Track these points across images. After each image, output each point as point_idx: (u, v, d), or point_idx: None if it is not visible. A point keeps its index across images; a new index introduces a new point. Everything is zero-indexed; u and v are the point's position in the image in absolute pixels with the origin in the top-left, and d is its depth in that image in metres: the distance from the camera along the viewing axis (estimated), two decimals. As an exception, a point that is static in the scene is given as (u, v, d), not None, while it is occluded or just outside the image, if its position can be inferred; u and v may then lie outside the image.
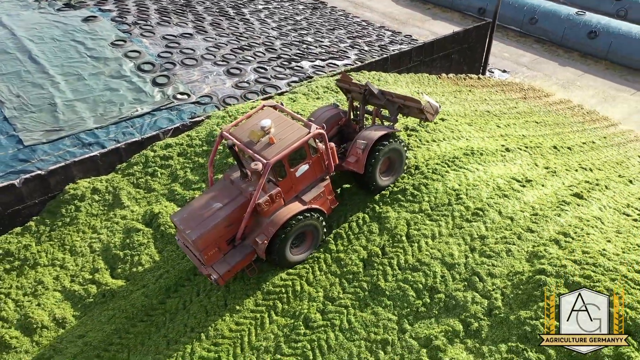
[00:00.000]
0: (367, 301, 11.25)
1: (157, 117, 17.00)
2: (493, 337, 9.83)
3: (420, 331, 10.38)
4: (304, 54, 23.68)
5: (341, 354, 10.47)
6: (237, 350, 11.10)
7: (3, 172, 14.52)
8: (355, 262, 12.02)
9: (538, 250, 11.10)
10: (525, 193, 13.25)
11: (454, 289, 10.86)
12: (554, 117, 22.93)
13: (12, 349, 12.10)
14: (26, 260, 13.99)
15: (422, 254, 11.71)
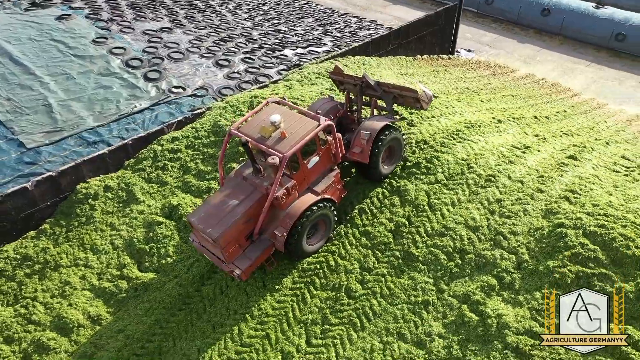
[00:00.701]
0: (402, 268, 11.99)
1: (157, 112, 16.97)
2: (526, 287, 10.79)
3: (457, 289, 11.23)
4: (283, 42, 24.00)
5: (386, 318, 11.17)
6: (284, 326, 11.57)
7: (11, 176, 14.21)
8: (384, 234, 12.72)
9: (552, 207, 12.17)
10: (527, 158, 14.34)
11: (481, 249, 11.76)
12: (524, 90, 24.41)
13: (52, 350, 12.06)
14: (47, 263, 13.82)
15: (446, 221, 12.55)
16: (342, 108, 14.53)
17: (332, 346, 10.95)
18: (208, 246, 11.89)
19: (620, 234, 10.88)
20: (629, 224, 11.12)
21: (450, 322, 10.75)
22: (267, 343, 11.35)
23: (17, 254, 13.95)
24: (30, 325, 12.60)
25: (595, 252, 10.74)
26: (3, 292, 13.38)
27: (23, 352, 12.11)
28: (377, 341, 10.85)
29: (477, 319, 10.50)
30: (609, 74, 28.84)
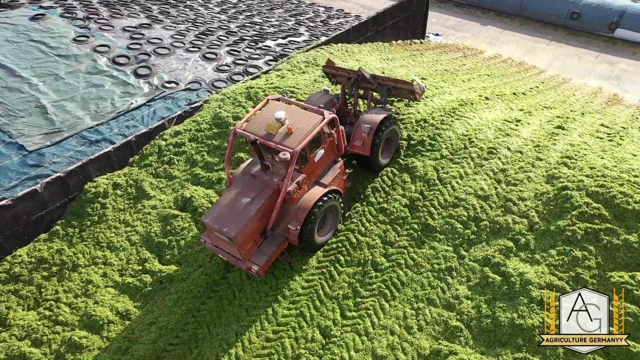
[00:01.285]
0: (422, 239, 12.69)
1: (154, 107, 16.94)
2: (541, 246, 11.71)
3: (477, 254, 12.03)
4: (262, 34, 24.19)
5: (414, 286, 11.85)
6: (317, 303, 12.06)
7: (18, 179, 13.94)
8: (400, 209, 13.37)
9: (553, 173, 13.16)
10: (520, 130, 15.32)
11: (494, 216, 12.61)
12: (496, 70, 25.61)
13: (85, 349, 12.08)
14: (64, 264, 13.72)
15: (457, 192, 13.33)
16: (338, 101, 14.82)
17: (366, 317, 11.53)
18: (222, 246, 11.98)
19: (619, 192, 11.94)
20: (625, 183, 12.21)
21: (475, 284, 11.54)
22: (303, 320, 11.81)
23: (31, 257, 13.77)
24: (58, 326, 12.55)
25: (599, 209, 11.76)
26: (23, 296, 13.22)
27: (55, 353, 12.07)
28: (409, 308, 11.51)
29: (500, 279, 11.33)
30: (568, 51, 30.55)
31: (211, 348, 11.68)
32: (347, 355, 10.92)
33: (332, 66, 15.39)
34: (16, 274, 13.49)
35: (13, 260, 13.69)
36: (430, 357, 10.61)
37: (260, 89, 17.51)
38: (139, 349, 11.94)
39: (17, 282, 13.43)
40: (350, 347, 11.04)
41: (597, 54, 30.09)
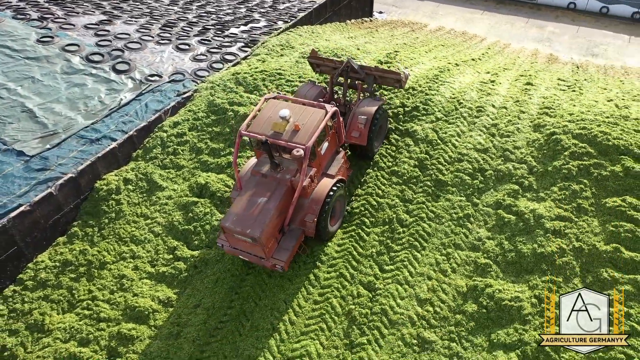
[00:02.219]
0: (437, 193, 13.94)
1: (144, 101, 16.86)
2: (543, 185, 13.32)
3: (488, 200, 13.46)
4: (223, 23, 24.31)
5: (439, 235, 13.09)
6: (353, 263, 12.99)
7: (28, 185, 13.58)
8: (411, 169, 14.52)
9: (539, 122, 14.85)
10: (498, 89, 16.95)
11: (496, 165, 14.10)
12: (445, 40, 27.41)
13: (135, 339, 12.25)
14: (90, 263, 13.64)
15: (458, 149, 14.68)
16: (326, 92, 15.26)
17: (403, 268, 12.63)
18: (243, 247, 12.11)
19: (599, 131, 13.80)
20: (602, 123, 14.11)
21: (493, 225, 12.97)
22: (344, 280, 12.71)
23: (54, 261, 13.55)
24: (102, 323, 12.58)
25: (585, 148, 13.55)
26: (54, 300, 13.04)
27: (106, 349, 12.15)
28: (439, 255, 12.75)
29: (514, 217, 12.82)
30: (501, 19, 33.10)
31: (263, 318, 12.30)
32: (394, 303, 11.98)
33: (317, 57, 15.80)
34: (43, 280, 13.25)
35: (36, 266, 13.42)
36: (468, 292, 11.90)
37: (248, 74, 17.91)
38: (190, 331, 12.30)
39: (45, 287, 13.21)
40: (395, 296, 12.10)
41: (527, 19, 32.84)
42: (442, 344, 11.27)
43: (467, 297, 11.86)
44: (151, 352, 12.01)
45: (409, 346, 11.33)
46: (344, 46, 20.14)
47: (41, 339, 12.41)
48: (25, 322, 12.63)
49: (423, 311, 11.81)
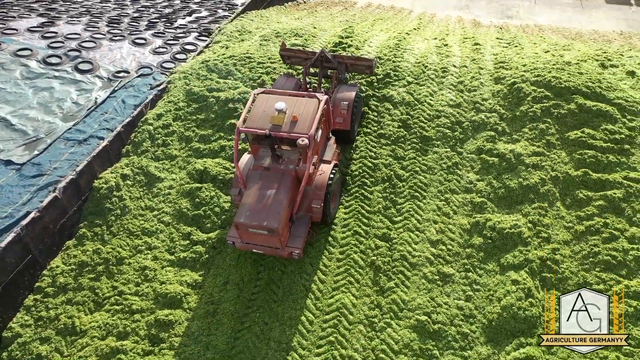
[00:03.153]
0: (425, 148, 15.35)
1: (120, 98, 16.68)
2: (515, 128, 15.17)
3: (470, 148, 15.10)
4: (164, 15, 24.09)
5: (435, 184, 14.53)
6: (364, 221, 14.08)
7: (28, 192, 13.21)
8: (396, 130, 15.80)
9: (498, 75, 16.71)
10: (453, 51, 18.66)
11: (470, 117, 15.76)
12: (380, 15, 28.93)
13: (175, 323, 12.57)
14: (107, 261, 13.61)
15: (434, 107, 16.17)
16: (302, 83, 15.84)
17: (410, 217, 13.94)
18: (257, 241, 12.41)
19: (551, 77, 15.88)
20: (551, 69, 16.22)
21: (479, 169, 14.63)
22: (360, 237, 13.79)
23: (69, 265, 13.37)
24: (136, 314, 12.72)
25: (543, 92, 15.57)
26: (79, 302, 12.94)
27: (146, 337, 12.36)
28: (439, 201, 14.21)
29: (497, 159, 14.56)
30: (421, -9, 35.13)
31: (294, 282, 13.08)
32: (410, 248, 13.27)
33: (288, 49, 16.27)
34: (62, 284, 13.07)
35: (52, 272, 13.17)
36: (472, 228, 13.48)
37: (217, 61, 18.22)
38: (226, 307, 12.82)
39: (66, 291, 13.05)
40: (410, 242, 13.40)
41: (444, -11, 35.12)
42: (460, 275, 12.75)
43: (472, 233, 13.43)
44: (192, 332, 12.41)
45: (432, 282, 12.69)
46: (300, 27, 20.91)
47: (76, 341, 12.35)
48: (55, 328, 12.47)
49: (437, 251, 13.21)
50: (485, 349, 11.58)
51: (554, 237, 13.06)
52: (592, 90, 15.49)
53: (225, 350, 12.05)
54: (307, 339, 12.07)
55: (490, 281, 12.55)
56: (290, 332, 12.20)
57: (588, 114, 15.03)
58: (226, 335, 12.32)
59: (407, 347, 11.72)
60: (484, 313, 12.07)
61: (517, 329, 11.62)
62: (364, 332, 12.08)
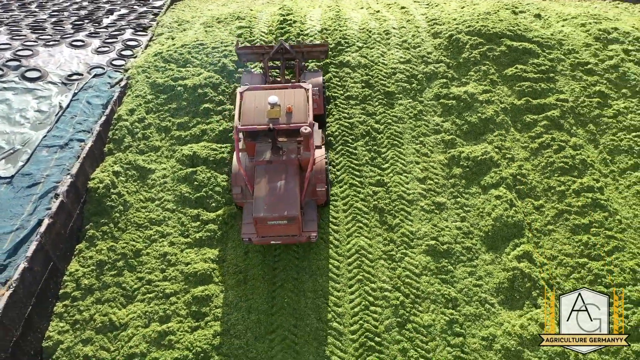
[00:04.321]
0: (390, 102, 17.10)
1: (83, 100, 16.32)
2: (462, 73, 17.47)
3: (429, 96, 17.16)
4: (89, 15, 23.33)
5: (407, 131, 16.34)
6: (356, 173, 15.51)
7: (29, 202, 12.84)
8: (361, 90, 17.33)
9: (434, 31, 18.91)
10: (386, 16, 20.54)
11: (422, 69, 17.84)
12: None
13: (212, 297, 13.11)
14: (125, 256, 13.67)
15: (387, 65, 18.00)
16: (266, 77, 16.15)
17: (395, 162, 15.63)
18: (275, 232, 12.62)
19: (480, 26, 18.42)
20: (478, 20, 18.73)
21: (442, 112, 16.72)
22: (357, 187, 15.19)
23: (87, 267, 13.27)
24: (172, 297, 13.06)
25: (477, 39, 18.03)
26: (109, 300, 12.97)
27: (189, 315, 12.78)
28: (415, 144, 16.07)
29: (454, 101, 16.74)
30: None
31: (311, 238, 14.20)
32: (404, 188, 14.99)
33: (244, 47, 16.59)
34: (87, 286, 12.98)
35: (73, 277, 12.98)
36: (450, 162, 15.53)
37: (170, 51, 18.39)
38: (254, 273, 13.61)
39: (93, 292, 12.99)
40: (402, 183, 15.12)
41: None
42: (451, 202, 14.75)
43: (451, 165, 15.47)
44: (231, 301, 13.09)
45: (430, 212, 14.55)
46: (237, 10, 21.50)
47: (119, 335, 12.46)
48: (93, 328, 12.47)
49: (426, 186, 15.08)
50: (488, 255, 13.70)
51: (516, 157, 15.52)
52: (514, 33, 18.21)
53: (266, 309, 12.92)
54: (338, 282, 13.33)
55: (477, 201, 14.69)
56: (322, 280, 13.38)
57: (516, 52, 17.71)
58: (263, 296, 13.16)
59: (425, 268, 13.47)
60: (479, 228, 14.18)
61: (510, 233, 13.89)
62: (386, 265, 13.62)
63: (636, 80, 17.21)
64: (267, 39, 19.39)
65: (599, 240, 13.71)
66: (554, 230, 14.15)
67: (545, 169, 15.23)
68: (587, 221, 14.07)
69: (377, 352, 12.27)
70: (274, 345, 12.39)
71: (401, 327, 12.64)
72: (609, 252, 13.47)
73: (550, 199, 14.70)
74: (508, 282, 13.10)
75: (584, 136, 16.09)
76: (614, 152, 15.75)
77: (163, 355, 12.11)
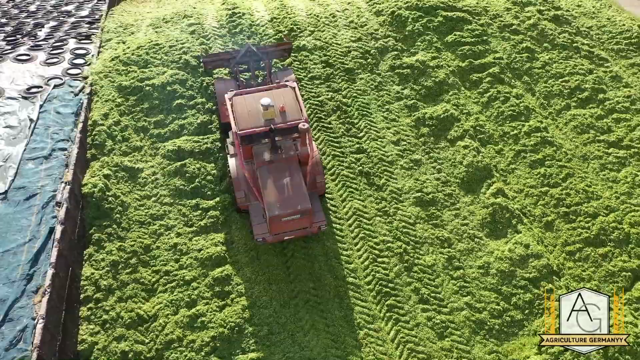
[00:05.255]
0: (352, 78, 18.51)
1: (53, 110, 16.01)
2: (410, 44, 19.20)
3: (385, 68, 18.71)
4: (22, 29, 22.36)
5: (373, 101, 17.83)
6: (335, 144, 16.72)
7: (33, 214, 12.67)
8: (323, 70, 18.54)
9: (376, 9, 20.47)
10: (327, 1, 21.81)
11: (373, 45, 19.32)
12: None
13: (231, 276, 13.64)
14: (135, 253, 13.82)
15: (342, 45, 19.30)
16: (240, 82, 16.30)
17: (369, 130, 17.08)
18: (289, 227, 13.13)
19: (416, 0, 20.22)
20: (413, -4, 20.57)
21: (399, 80, 18.41)
22: (338, 157, 16.41)
23: (102, 268, 13.25)
24: (193, 283, 13.43)
25: (416, 13, 20.07)
26: (131, 296, 13.09)
27: (213, 296, 13.27)
28: (383, 112, 17.62)
29: (408, 69, 18.52)
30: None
31: (313, 209, 15.21)
32: (382, 151, 16.45)
33: (211, 55, 16.90)
34: (107, 287, 13.02)
35: (90, 280, 12.94)
36: (416, 123, 17.28)
37: (128, 54, 18.37)
38: (265, 248, 14.33)
39: (113, 292, 13.06)
40: (379, 148, 16.61)
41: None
42: (425, 158, 16.46)
43: (418, 126, 17.18)
44: (250, 277, 13.74)
45: (410, 169, 16.14)
46: (182, 11, 21.66)
47: (150, 326, 12.74)
48: (123, 325, 12.59)
49: (400, 147, 16.65)
50: (467, 198, 15.54)
51: (472, 111, 17.54)
52: (446, 4, 20.31)
53: (284, 278, 13.79)
54: (344, 243, 14.51)
55: (448, 154, 16.49)
56: (330, 243, 14.46)
57: (452, 21, 19.79)
58: (278, 268, 14.00)
59: (417, 217, 15.03)
60: (455, 175, 15.99)
61: (482, 176, 15.83)
62: (382, 221, 14.99)
63: (553, 35, 19.95)
64: (220, 33, 19.93)
65: (553, 170, 16.02)
66: (516, 168, 16.31)
67: (498, 118, 17.37)
68: (541, 156, 16.36)
69: (393, 296, 13.62)
70: (299, 308, 13.31)
71: (409, 271, 14.09)
72: (563, 178, 15.82)
73: (507, 143, 16.86)
74: (490, 217, 15.01)
75: (522, 86, 18.50)
76: (548, 97, 18.29)
77: (199, 336, 12.59)
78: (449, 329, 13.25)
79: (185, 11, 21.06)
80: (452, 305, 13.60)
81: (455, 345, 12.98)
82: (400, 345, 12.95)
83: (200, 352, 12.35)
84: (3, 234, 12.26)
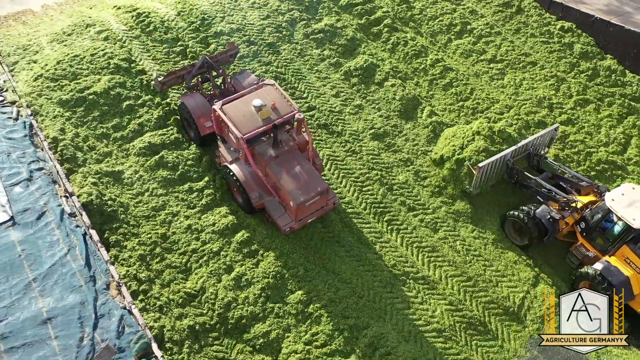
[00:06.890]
0: (277, 50, 20.30)
1: (1, 138, 15.27)
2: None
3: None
4: None
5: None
6: (288, 109, 18.56)
7: (53, 229, 12.51)
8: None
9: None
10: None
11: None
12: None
13: (252, 237, 14.86)
14: (155, 244, 14.23)
15: (255, 20, 20.93)
16: (205, 94, 16.76)
17: (310, 91, 19.20)
18: (310, 210, 14.30)
19: None
20: None
21: (317, 45, 20.71)
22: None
23: (132, 265, 13.49)
24: (221, 252, 14.39)
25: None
26: (172, 280, 13.66)
27: (244, 257, 14.39)
28: (313, 73, 19.88)
29: (321, 34, 20.85)
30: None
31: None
32: (328, 104, 18.79)
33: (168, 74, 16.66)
34: (146, 278, 13.34)
35: (128, 276, 13.13)
36: (345, 75, 19.87)
37: (50, 70, 17.66)
38: (267, 207, 15.84)
39: (154, 281, 13.43)
40: (324, 102, 18.88)
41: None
42: (364, 102, 19.28)
43: (348, 78, 19.95)
44: (267, 233, 15.02)
45: (356, 113, 18.97)
46: (79, 21, 20.78)
47: (202, 297, 13.52)
48: (177, 305, 13.18)
49: (341, 98, 19.30)
50: (409, 124, 18.90)
51: (384, 57, 20.70)
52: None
53: (300, 228, 15.39)
54: (331, 184, 16.62)
55: (380, 94, 19.58)
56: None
57: None
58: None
59: (378, 149, 17.94)
60: (393, 110, 19.13)
61: (414, 104, 19.32)
62: (353, 158, 17.56)
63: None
64: (134, 34, 20.08)
65: (460, 89, 19.98)
66: (434, 93, 19.95)
67: (406, 59, 20.80)
68: (448, 80, 20.23)
69: (387, 213, 16.27)
70: (319, 246, 15.43)
71: (390, 191, 16.86)
72: (470, 93, 19.85)
73: (420, 76, 20.41)
74: (432, 133, 18.39)
75: (412, 31, 22.17)
76: (433, 35, 22.27)
77: (250, 291, 13.83)
78: (438, 223, 16.32)
79: (84, 21, 20.58)
80: (432, 205, 16.69)
81: (447, 234, 16.11)
82: (409, 247, 15.67)
83: (257, 304, 13.60)
84: (37, 254, 12.03)
